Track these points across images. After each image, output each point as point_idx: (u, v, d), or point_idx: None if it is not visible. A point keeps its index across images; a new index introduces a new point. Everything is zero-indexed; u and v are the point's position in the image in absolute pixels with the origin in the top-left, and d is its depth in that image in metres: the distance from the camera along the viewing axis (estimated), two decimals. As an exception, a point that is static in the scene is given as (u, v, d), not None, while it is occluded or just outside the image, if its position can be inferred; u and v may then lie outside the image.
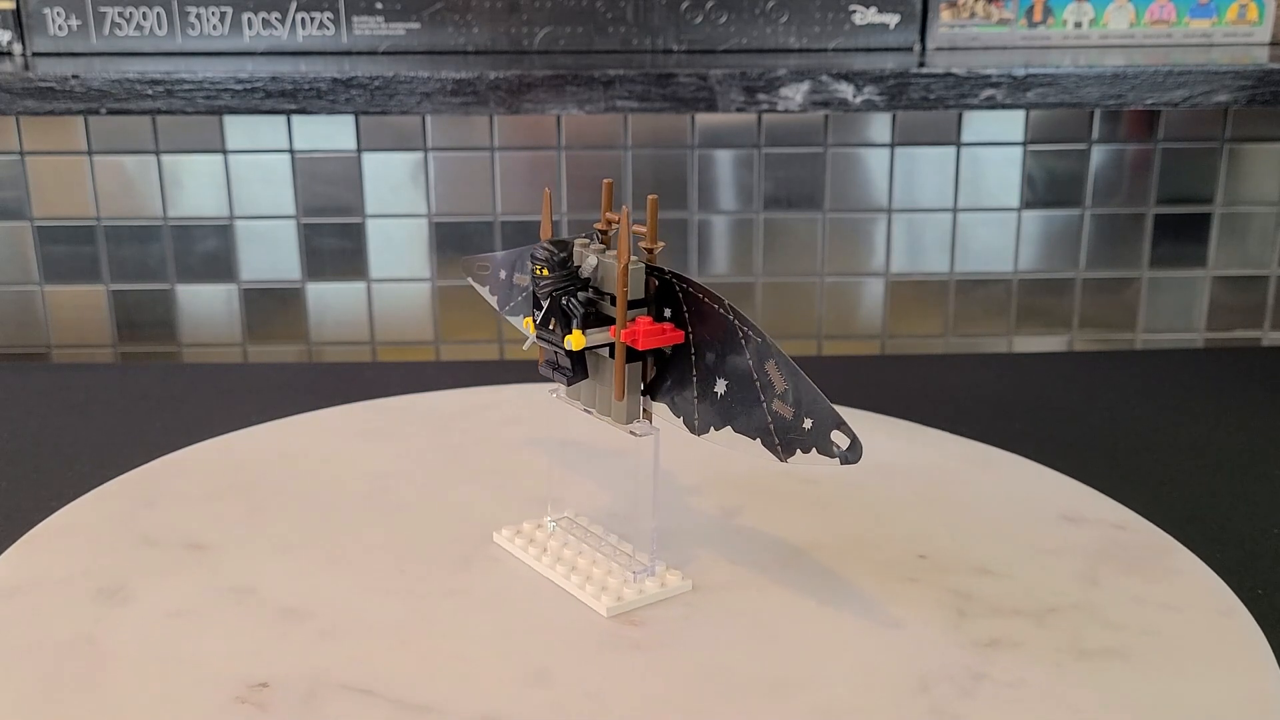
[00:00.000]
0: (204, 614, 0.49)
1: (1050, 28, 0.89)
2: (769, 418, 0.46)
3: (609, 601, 0.49)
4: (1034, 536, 0.55)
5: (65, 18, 0.87)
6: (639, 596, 0.49)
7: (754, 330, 0.45)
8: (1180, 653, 0.46)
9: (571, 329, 0.48)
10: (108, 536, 0.55)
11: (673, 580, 0.50)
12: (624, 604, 0.49)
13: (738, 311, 0.46)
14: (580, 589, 0.50)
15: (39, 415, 0.74)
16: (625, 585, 0.50)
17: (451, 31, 0.88)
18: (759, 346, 0.45)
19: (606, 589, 0.50)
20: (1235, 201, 0.93)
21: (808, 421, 0.44)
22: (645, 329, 0.47)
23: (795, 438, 0.45)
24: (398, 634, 0.47)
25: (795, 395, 0.45)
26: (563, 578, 0.51)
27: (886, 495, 0.59)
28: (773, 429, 0.46)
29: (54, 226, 0.91)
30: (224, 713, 0.42)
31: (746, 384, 0.46)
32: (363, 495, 0.59)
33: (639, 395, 0.49)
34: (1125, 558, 0.53)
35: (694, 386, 0.48)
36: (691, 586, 0.50)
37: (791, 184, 0.91)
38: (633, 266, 0.47)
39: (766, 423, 0.46)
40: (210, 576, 0.52)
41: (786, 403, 0.45)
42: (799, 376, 0.44)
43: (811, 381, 0.44)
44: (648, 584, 0.50)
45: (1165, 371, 0.83)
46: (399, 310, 0.94)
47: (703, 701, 0.43)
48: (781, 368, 0.45)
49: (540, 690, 0.44)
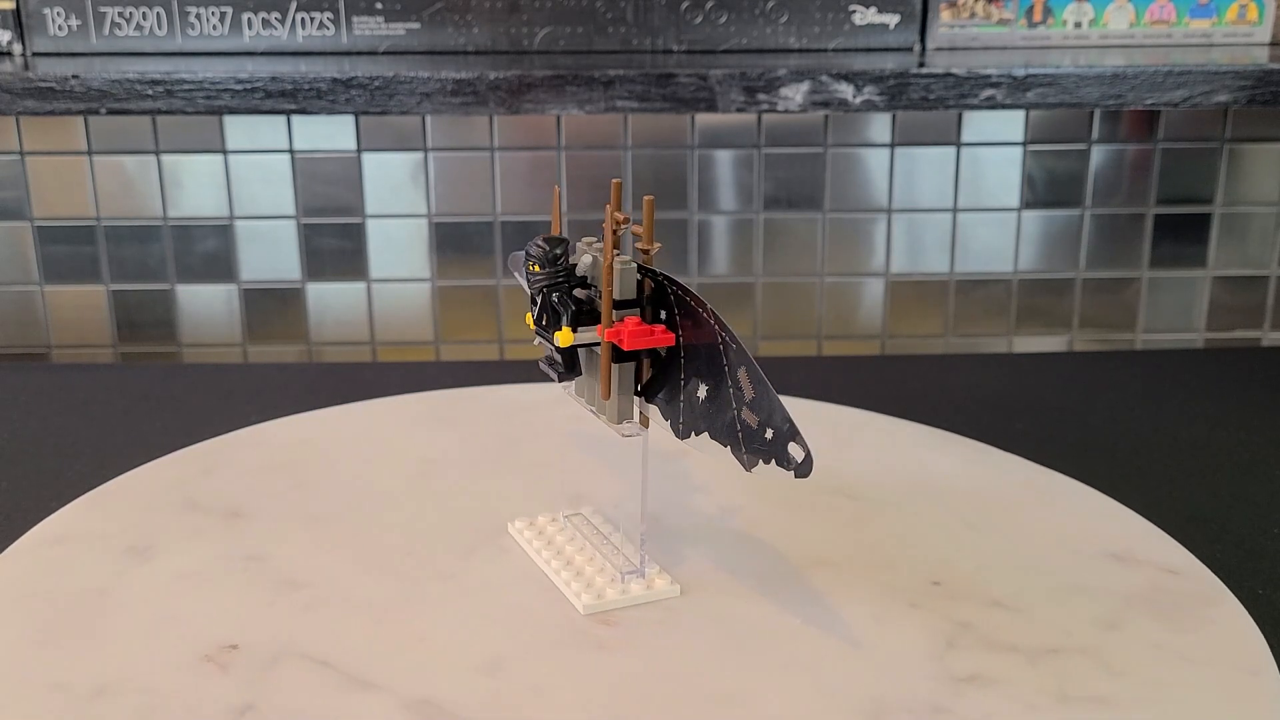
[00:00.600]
0: (210, 577, 0.52)
1: (1050, 28, 0.89)
2: (738, 425, 0.45)
3: (588, 600, 0.49)
4: (1069, 573, 0.52)
5: (65, 18, 0.87)
6: (620, 597, 0.49)
7: (731, 337, 0.45)
8: (1181, 709, 0.43)
9: (561, 326, 0.48)
10: (158, 499, 0.59)
11: (660, 584, 0.50)
12: (603, 603, 0.49)
13: (719, 317, 0.46)
14: (566, 585, 0.50)
15: (39, 415, 0.74)
16: (610, 585, 0.50)
17: (451, 31, 0.88)
18: (735, 353, 0.45)
19: (591, 587, 0.50)
20: (1235, 201, 0.93)
21: (769, 432, 0.44)
22: (632, 329, 0.47)
23: (759, 447, 0.45)
24: (376, 612, 0.49)
25: (760, 405, 0.45)
26: (555, 572, 0.51)
27: (923, 516, 0.58)
28: (740, 438, 0.45)
29: (54, 226, 0.91)
30: (187, 669, 0.45)
31: (722, 390, 0.46)
32: (404, 479, 0.61)
33: (631, 396, 0.49)
34: (1163, 604, 0.50)
35: (680, 390, 0.48)
36: (679, 591, 0.50)
37: (791, 184, 0.91)
38: (623, 266, 0.47)
39: (736, 430, 0.46)
40: (232, 544, 0.55)
41: (754, 411, 0.45)
42: (764, 386, 0.44)
43: (775, 393, 0.44)
44: (633, 586, 0.50)
45: (1165, 371, 0.83)
46: (399, 310, 0.94)
47: (639, 706, 0.43)
48: (751, 376, 0.45)
49: (486, 679, 0.44)
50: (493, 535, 0.55)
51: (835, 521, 0.57)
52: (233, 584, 0.51)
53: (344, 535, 0.56)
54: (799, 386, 0.79)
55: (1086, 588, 0.51)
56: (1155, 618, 0.49)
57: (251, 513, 0.58)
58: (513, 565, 0.53)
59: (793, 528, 0.56)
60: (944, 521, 0.57)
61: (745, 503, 0.59)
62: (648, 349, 0.48)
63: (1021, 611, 0.49)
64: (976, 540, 0.55)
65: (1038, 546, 0.55)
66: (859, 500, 0.59)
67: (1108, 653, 0.46)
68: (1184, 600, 0.50)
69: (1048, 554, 0.54)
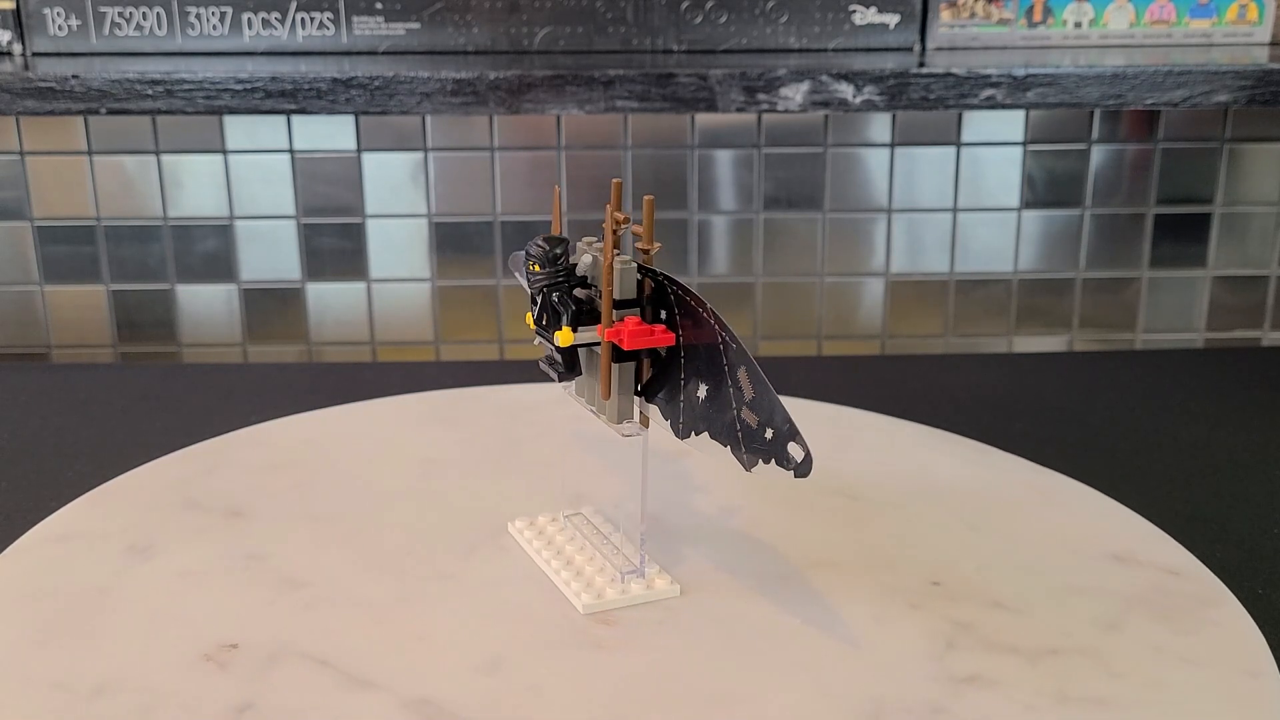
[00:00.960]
0: (212, 576, 0.52)
1: (1050, 28, 0.89)
2: (738, 425, 0.45)
3: (588, 599, 0.49)
4: (1070, 574, 0.52)
5: (65, 18, 0.87)
6: (620, 597, 0.49)
7: (731, 336, 0.45)
8: (1180, 710, 0.43)
9: (561, 325, 0.48)
10: (159, 498, 0.59)
11: (661, 584, 0.50)
12: (603, 603, 0.49)
13: (718, 316, 0.46)
14: (566, 585, 0.50)
15: (39, 415, 0.74)
16: (610, 585, 0.50)
17: (451, 31, 0.88)
18: (735, 353, 0.45)
19: (591, 586, 0.50)
20: (1235, 201, 0.93)
21: (769, 431, 0.44)
22: (632, 329, 0.47)
23: (759, 447, 0.45)
24: (376, 612, 0.49)
25: (760, 404, 0.45)
26: (554, 572, 0.51)
27: (924, 517, 0.58)
28: (740, 437, 0.45)
29: (54, 226, 0.91)
30: (188, 668, 0.45)
31: (722, 390, 0.46)
32: (406, 478, 0.62)
33: (631, 396, 0.49)
34: (1163, 604, 0.50)
35: (681, 390, 0.48)
36: (679, 591, 0.50)
37: (791, 184, 0.91)
38: (623, 266, 0.47)
39: (736, 430, 0.46)
40: (232, 542, 0.55)
41: (754, 411, 0.45)
42: (764, 386, 0.44)
43: (775, 393, 0.44)
44: (634, 586, 0.50)
45: (1165, 371, 0.83)
46: (399, 310, 0.94)
47: (639, 706, 0.43)
48: (751, 376, 0.45)
49: (486, 679, 0.44)
50: (493, 535, 0.55)
51: (835, 522, 0.57)
52: (233, 583, 0.51)
53: (344, 535, 0.56)
54: (799, 386, 0.79)
55: (1086, 588, 0.51)
56: (1155, 618, 0.49)
57: (252, 512, 0.58)
58: (513, 565, 0.53)
59: (793, 528, 0.56)
60: (944, 522, 0.57)
61: (745, 503, 0.59)
62: (648, 349, 0.48)
63: (1021, 612, 0.49)
64: (977, 541, 0.55)
65: (1038, 547, 0.55)
66: (859, 500, 0.59)
67: (1108, 653, 0.46)
68: (1184, 602, 0.50)
69: (1048, 554, 0.54)
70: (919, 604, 0.50)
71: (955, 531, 0.56)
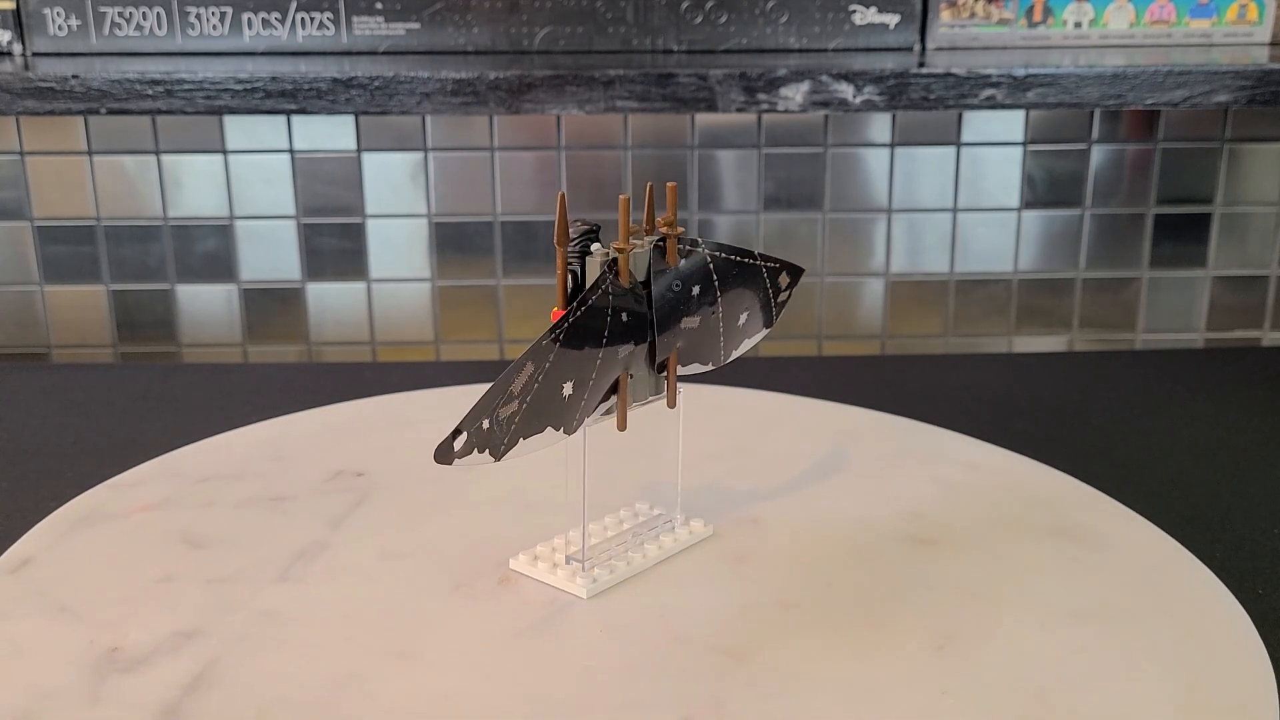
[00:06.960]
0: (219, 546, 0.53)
1: (1050, 28, 0.89)
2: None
3: (585, 584, 0.50)
4: (1069, 574, 0.52)
5: (65, 18, 0.87)
6: (610, 576, 0.51)
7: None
8: (1180, 710, 0.43)
9: None
10: (201, 487, 0.60)
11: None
12: (600, 586, 0.50)
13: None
14: (568, 577, 0.51)
15: (39, 415, 0.74)
16: (609, 570, 0.51)
17: (451, 31, 0.88)
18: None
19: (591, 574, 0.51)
20: (1235, 201, 0.93)
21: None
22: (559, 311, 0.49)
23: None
24: (344, 582, 0.51)
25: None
26: (552, 568, 0.52)
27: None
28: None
29: (54, 226, 0.91)
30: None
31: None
32: (442, 477, 0.60)
33: (653, 375, 0.52)
34: (1163, 604, 0.49)
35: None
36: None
37: (791, 184, 0.91)
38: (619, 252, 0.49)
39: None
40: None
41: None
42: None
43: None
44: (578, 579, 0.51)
45: (1165, 371, 0.83)
46: (399, 310, 0.94)
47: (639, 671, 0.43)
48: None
49: (480, 670, 0.45)
50: (493, 533, 0.55)
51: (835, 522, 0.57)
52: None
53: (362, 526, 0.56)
54: (799, 386, 0.79)
55: (1086, 589, 0.51)
56: (1155, 619, 0.49)
57: (288, 496, 0.59)
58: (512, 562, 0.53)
59: (792, 528, 0.56)
60: (945, 522, 0.57)
61: (745, 502, 0.59)
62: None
63: (1021, 613, 0.49)
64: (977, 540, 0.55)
65: (1037, 547, 0.55)
66: (934, 547, 0.59)
67: (1107, 654, 0.46)
68: (1184, 601, 0.50)
69: (1047, 555, 0.54)
70: (919, 604, 0.50)
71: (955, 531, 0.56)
